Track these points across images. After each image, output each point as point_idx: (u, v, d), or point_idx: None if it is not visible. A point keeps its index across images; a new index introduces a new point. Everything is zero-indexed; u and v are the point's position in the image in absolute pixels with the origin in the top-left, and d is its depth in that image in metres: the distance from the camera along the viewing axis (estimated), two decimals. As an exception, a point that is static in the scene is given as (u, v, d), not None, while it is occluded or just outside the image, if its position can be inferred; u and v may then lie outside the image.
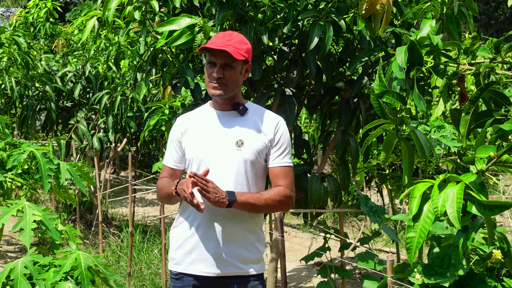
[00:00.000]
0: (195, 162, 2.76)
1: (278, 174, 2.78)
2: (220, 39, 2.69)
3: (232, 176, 2.71)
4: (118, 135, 8.00)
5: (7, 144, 4.17)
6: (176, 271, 2.80)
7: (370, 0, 3.43)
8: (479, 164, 2.12)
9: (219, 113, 2.82)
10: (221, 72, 2.67)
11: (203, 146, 2.75)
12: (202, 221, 2.71)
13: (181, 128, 2.86)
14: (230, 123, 2.78)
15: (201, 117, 2.86)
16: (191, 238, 2.74)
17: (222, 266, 2.71)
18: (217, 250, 2.70)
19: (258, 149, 2.75)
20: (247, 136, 2.75)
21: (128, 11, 4.15)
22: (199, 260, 2.72)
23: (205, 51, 2.71)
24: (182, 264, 2.77)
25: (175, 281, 2.81)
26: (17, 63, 7.03)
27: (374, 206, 4.32)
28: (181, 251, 2.78)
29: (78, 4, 26.36)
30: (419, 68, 2.35)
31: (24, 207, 3.05)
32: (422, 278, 2.95)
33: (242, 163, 2.72)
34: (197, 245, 2.72)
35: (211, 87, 2.71)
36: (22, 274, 2.45)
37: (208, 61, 2.72)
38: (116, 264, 6.32)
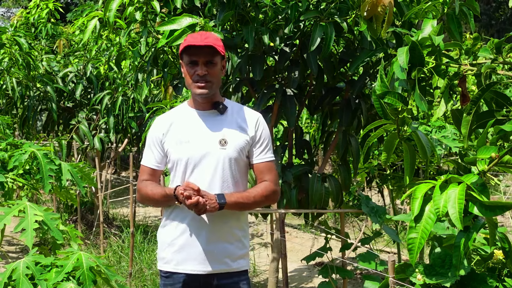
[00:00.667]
0: (181, 163, 2.77)
1: (263, 170, 2.85)
2: (198, 38, 2.71)
3: (218, 175, 2.75)
4: (119, 136, 8.01)
5: (8, 144, 4.17)
6: (166, 270, 2.82)
7: (372, 2, 3.43)
8: (481, 165, 2.12)
9: (199, 112, 2.84)
10: (205, 69, 2.70)
11: (188, 147, 2.76)
12: (190, 220, 2.74)
13: (161, 129, 2.85)
14: (212, 122, 2.81)
15: (182, 118, 2.86)
16: (180, 237, 2.76)
17: (211, 263, 2.75)
18: (206, 248, 2.74)
19: (241, 147, 2.80)
20: (229, 134, 2.79)
21: (129, 12, 4.16)
22: (189, 259, 2.75)
23: (188, 50, 2.71)
24: (171, 263, 2.79)
25: (165, 279, 2.83)
26: (18, 64, 7.03)
27: (375, 207, 4.33)
28: (170, 250, 2.80)
29: (79, 5, 26.37)
30: (420, 68, 2.36)
31: (25, 207, 3.05)
32: (424, 278, 2.95)
33: (227, 161, 2.77)
34: (186, 244, 2.75)
35: (197, 87, 2.73)
36: (24, 274, 2.45)
37: (188, 62, 2.73)
38: (118, 265, 6.32)
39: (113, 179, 12.07)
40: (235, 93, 4.35)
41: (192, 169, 2.75)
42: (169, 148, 2.81)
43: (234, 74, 4.08)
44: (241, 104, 2.97)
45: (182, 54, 2.75)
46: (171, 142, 2.80)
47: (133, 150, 10.92)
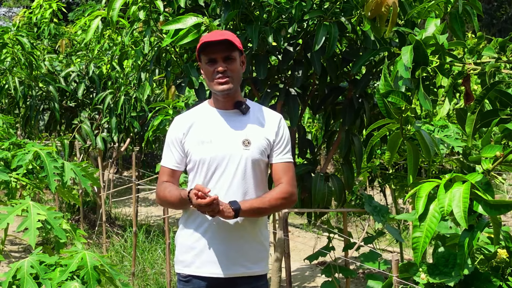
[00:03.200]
0: (203, 164, 2.72)
1: (281, 170, 2.80)
2: (214, 35, 2.70)
3: (241, 176, 2.71)
4: (122, 135, 8.01)
5: (11, 144, 4.18)
6: (185, 274, 2.78)
7: (376, 2, 3.43)
8: (485, 164, 2.12)
9: (221, 112, 2.80)
10: (224, 65, 2.67)
11: (211, 147, 2.72)
12: (210, 223, 2.70)
13: (182, 128, 2.81)
14: (235, 122, 2.78)
15: (203, 117, 2.82)
16: (200, 240, 2.73)
17: (231, 266, 2.71)
18: (227, 251, 2.70)
19: (264, 147, 2.76)
20: (252, 135, 2.75)
21: (132, 11, 4.16)
22: (209, 262, 2.71)
23: (205, 48, 2.69)
24: (192, 267, 2.75)
25: (184, 283, 2.79)
26: (21, 63, 7.05)
27: (378, 206, 4.33)
28: (190, 254, 2.76)
29: (80, 4, 26.37)
30: (424, 67, 2.36)
31: (28, 206, 3.06)
32: (427, 278, 2.95)
33: (249, 162, 2.73)
34: (206, 247, 2.71)
35: (218, 83, 2.69)
36: (29, 273, 2.45)
37: (207, 61, 2.71)
38: (120, 264, 6.33)
39: (115, 179, 12.08)
40: (238, 92, 4.35)
41: (214, 170, 2.71)
42: (190, 148, 2.77)
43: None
44: (260, 105, 2.95)
45: (200, 54, 2.73)
46: (193, 142, 2.77)
47: (136, 150, 10.93)
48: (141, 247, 6.61)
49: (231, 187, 2.69)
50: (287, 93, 4.17)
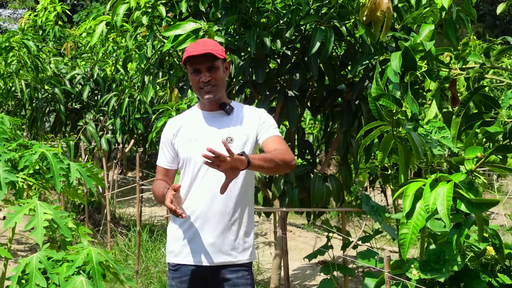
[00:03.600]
0: (190, 161, 2.91)
1: (274, 142, 2.89)
2: (197, 47, 2.87)
3: None
4: (126, 136, 8.13)
5: (18, 145, 4.29)
6: (174, 263, 2.95)
7: (371, 7, 3.53)
8: (468, 164, 2.23)
9: (207, 113, 3.00)
10: (208, 75, 2.86)
11: (196, 145, 2.89)
12: (199, 214, 2.87)
13: (172, 130, 3.02)
14: (219, 122, 2.97)
15: (191, 119, 3.03)
16: (188, 230, 2.90)
17: (218, 255, 2.88)
18: (214, 241, 2.87)
19: (246, 141, 2.92)
20: (235, 132, 2.93)
21: (136, 16, 4.28)
22: (197, 251, 2.88)
23: (189, 60, 2.86)
24: (180, 256, 2.92)
25: (173, 272, 2.96)
26: (27, 66, 7.18)
27: (375, 205, 4.44)
28: (179, 243, 2.93)
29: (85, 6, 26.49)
30: (413, 72, 2.47)
31: (36, 206, 3.16)
32: (419, 274, 3.07)
33: None
34: (194, 237, 2.89)
35: (203, 93, 2.89)
36: (37, 268, 2.57)
37: (192, 71, 2.89)
38: (124, 262, 6.44)
39: (120, 179, 12.20)
40: (238, 94, 4.46)
41: (200, 166, 2.86)
42: (179, 147, 2.97)
43: (237, 76, 4.20)
44: (245, 105, 3.12)
45: (185, 64, 2.92)
46: (181, 141, 2.97)
47: (139, 151, 11.04)
48: (145, 246, 6.73)
49: (217, 183, 2.70)
50: (285, 96, 4.28)
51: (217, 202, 2.86)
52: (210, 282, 2.92)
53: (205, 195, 2.87)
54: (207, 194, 2.86)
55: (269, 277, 5.96)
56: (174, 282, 2.95)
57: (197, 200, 2.88)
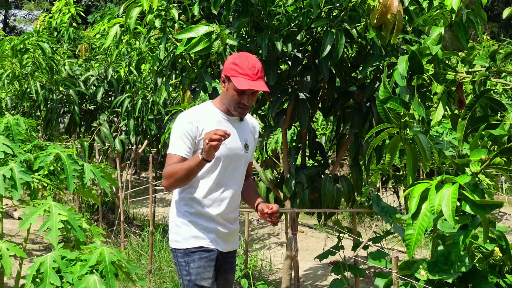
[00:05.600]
0: (220, 162, 3.09)
1: (251, 166, 3.44)
2: (250, 71, 2.97)
3: (242, 173, 3.25)
4: (139, 137, 8.20)
5: (33, 146, 4.36)
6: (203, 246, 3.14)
7: (382, 10, 3.55)
8: (474, 166, 2.26)
9: (228, 117, 3.16)
10: (251, 98, 3.05)
11: (225, 148, 3.05)
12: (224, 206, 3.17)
13: (196, 124, 3.07)
14: (238, 128, 3.19)
15: (214, 119, 3.13)
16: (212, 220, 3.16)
17: (231, 243, 3.29)
18: (231, 230, 3.25)
19: (253, 150, 3.34)
20: (249, 140, 3.25)
21: (149, 19, 4.34)
22: (219, 238, 3.18)
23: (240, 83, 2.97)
24: (205, 241, 3.15)
25: (200, 252, 3.14)
26: (42, 68, 7.27)
27: (386, 206, 4.46)
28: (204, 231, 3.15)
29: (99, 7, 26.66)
30: (419, 76, 2.50)
31: (50, 207, 3.23)
32: (427, 274, 3.09)
33: (246, 163, 3.27)
34: (217, 226, 3.17)
35: (238, 111, 3.08)
36: (51, 267, 2.63)
37: (237, 91, 3.00)
38: (138, 262, 6.50)
39: (133, 180, 12.28)
40: (250, 96, 4.50)
41: (226, 167, 3.12)
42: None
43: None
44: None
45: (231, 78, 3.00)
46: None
47: (153, 151, 11.11)
48: (158, 246, 6.78)
49: (237, 183, 3.23)
50: (296, 98, 4.32)
51: (236, 197, 3.22)
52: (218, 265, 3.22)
53: (230, 193, 3.17)
54: (230, 191, 3.17)
55: (280, 277, 6.00)
56: (201, 262, 3.13)
57: (222, 196, 3.15)
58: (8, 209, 8.72)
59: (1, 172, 3.59)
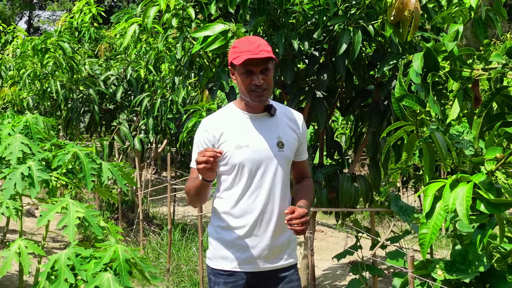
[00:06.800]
0: (243, 167, 2.80)
1: (304, 166, 3.06)
2: (251, 48, 2.70)
3: (279, 176, 2.84)
4: (159, 136, 8.25)
5: (52, 145, 4.40)
6: (227, 269, 2.86)
7: (398, 7, 3.53)
8: (489, 165, 2.23)
9: (252, 116, 2.86)
10: (261, 77, 2.70)
11: (249, 151, 2.79)
12: (256, 218, 2.81)
13: (214, 132, 2.84)
14: (266, 125, 2.86)
15: (235, 121, 2.87)
16: (244, 236, 2.83)
17: (273, 260, 2.85)
18: (270, 244, 2.83)
19: (294, 147, 2.91)
20: (284, 136, 2.86)
21: (166, 18, 4.35)
22: (253, 257, 2.83)
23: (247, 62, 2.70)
24: (234, 263, 2.85)
25: (226, 277, 2.86)
26: (62, 68, 7.33)
27: (404, 206, 4.41)
28: (233, 250, 2.85)
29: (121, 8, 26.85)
30: (435, 73, 2.47)
31: (68, 204, 3.26)
32: (444, 274, 3.05)
33: (285, 162, 2.86)
34: (250, 242, 2.82)
35: (255, 96, 2.75)
36: (66, 265, 2.65)
37: (243, 72, 2.73)
38: (156, 261, 6.53)
39: (154, 179, 12.34)
40: (267, 95, 4.49)
41: (255, 172, 2.80)
42: (228, 152, 2.80)
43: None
44: (283, 105, 3.06)
45: (234, 62, 2.74)
46: (229, 146, 2.81)
47: (172, 150, 11.16)
48: (176, 245, 6.81)
49: (272, 188, 2.82)
50: (314, 96, 4.30)
51: (272, 205, 2.82)
52: (263, 285, 2.89)
53: (262, 200, 2.81)
54: (263, 199, 2.81)
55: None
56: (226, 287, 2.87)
57: (254, 205, 2.81)
58: (30, 208, 8.82)
59: (19, 170, 3.64)
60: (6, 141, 4.08)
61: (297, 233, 2.66)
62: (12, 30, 9.78)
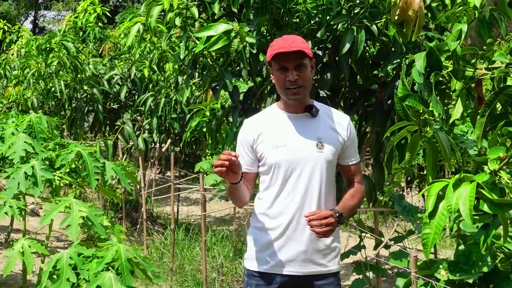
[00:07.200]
0: (279, 167, 2.79)
1: (355, 171, 3.00)
2: (285, 43, 2.72)
3: (316, 177, 2.80)
4: (163, 136, 8.25)
5: (56, 144, 4.41)
6: (260, 271, 2.85)
7: (402, 6, 3.52)
8: (492, 165, 2.22)
9: (292, 116, 2.86)
10: (296, 73, 2.71)
11: (286, 151, 2.78)
12: (291, 220, 2.78)
13: (252, 134, 2.86)
14: (306, 126, 2.84)
15: (274, 121, 2.88)
16: (279, 238, 2.81)
17: (309, 265, 2.80)
18: (306, 248, 2.78)
19: (336, 149, 2.85)
20: (325, 137, 2.83)
21: (169, 17, 4.34)
22: (287, 260, 2.80)
23: (276, 56, 2.73)
24: (268, 264, 2.83)
25: (258, 279, 2.86)
26: (66, 67, 7.34)
27: (408, 205, 4.41)
28: (267, 252, 2.84)
29: (126, 7, 26.87)
30: (437, 73, 2.46)
31: (71, 203, 3.26)
32: (447, 275, 3.05)
33: (324, 164, 2.81)
34: (285, 245, 2.80)
35: (290, 93, 2.76)
36: (68, 264, 2.65)
37: (278, 68, 2.75)
38: (160, 260, 6.54)
39: (158, 179, 12.35)
40: (270, 95, 4.48)
41: (291, 173, 2.78)
42: (265, 152, 2.82)
43: (269, 76, 4.22)
44: (328, 106, 3.02)
45: (271, 60, 2.77)
46: (267, 146, 2.82)
47: (176, 150, 11.16)
48: (180, 244, 6.80)
49: (309, 189, 2.78)
50: (317, 96, 4.29)
51: (309, 207, 2.78)
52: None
53: (297, 201, 2.78)
54: (298, 199, 2.78)
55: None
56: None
57: (289, 206, 2.79)
58: (34, 207, 8.84)
59: (23, 170, 3.64)
60: (9, 141, 4.08)
61: (318, 234, 2.61)
62: (17, 30, 9.80)
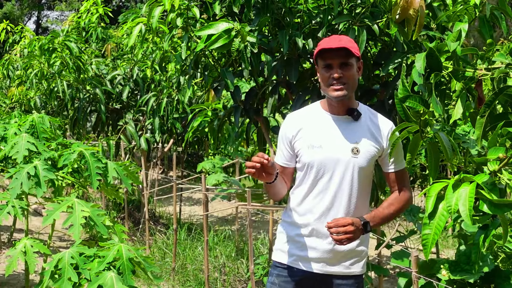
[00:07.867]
0: (312, 167, 2.79)
1: (399, 178, 2.92)
2: (331, 41, 2.71)
3: (347, 182, 2.77)
4: (165, 136, 8.26)
5: (58, 144, 4.42)
6: (284, 263, 2.88)
7: (403, 5, 3.52)
8: (492, 165, 2.22)
9: (333, 117, 2.83)
10: (340, 71, 2.69)
11: (320, 152, 2.77)
12: (319, 218, 2.78)
13: (291, 130, 2.87)
14: (345, 129, 2.81)
15: (315, 120, 2.86)
16: (305, 235, 2.82)
17: (332, 264, 2.80)
18: (331, 247, 2.77)
19: (372, 156, 2.82)
20: (362, 143, 2.79)
21: (171, 18, 4.35)
22: (312, 257, 2.80)
23: (322, 54, 2.72)
24: (292, 258, 2.85)
25: (280, 270, 2.89)
26: (69, 67, 7.36)
27: (410, 206, 4.41)
28: (293, 245, 2.86)
29: (129, 8, 26.90)
30: (437, 73, 2.47)
31: (73, 203, 3.27)
32: (449, 274, 3.05)
33: (356, 169, 2.77)
34: (310, 243, 2.81)
35: (333, 90, 2.72)
36: (69, 263, 2.66)
37: (323, 66, 2.73)
38: (162, 260, 6.54)
39: (161, 178, 12.36)
40: (272, 95, 4.49)
41: (323, 174, 2.77)
42: (301, 150, 2.83)
43: (271, 77, 4.23)
44: (374, 111, 2.98)
45: (317, 58, 2.76)
46: (303, 144, 2.82)
47: (179, 150, 11.17)
48: (182, 244, 6.81)
49: (339, 192, 2.77)
50: (319, 95, 4.29)
51: (336, 210, 2.77)
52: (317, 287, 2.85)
53: (326, 202, 2.78)
54: (327, 201, 2.77)
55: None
56: (278, 280, 2.88)
57: (317, 206, 2.79)
58: (37, 207, 8.86)
59: (25, 170, 3.65)
60: (12, 140, 4.09)
61: (336, 241, 2.60)
62: (20, 30, 9.82)
